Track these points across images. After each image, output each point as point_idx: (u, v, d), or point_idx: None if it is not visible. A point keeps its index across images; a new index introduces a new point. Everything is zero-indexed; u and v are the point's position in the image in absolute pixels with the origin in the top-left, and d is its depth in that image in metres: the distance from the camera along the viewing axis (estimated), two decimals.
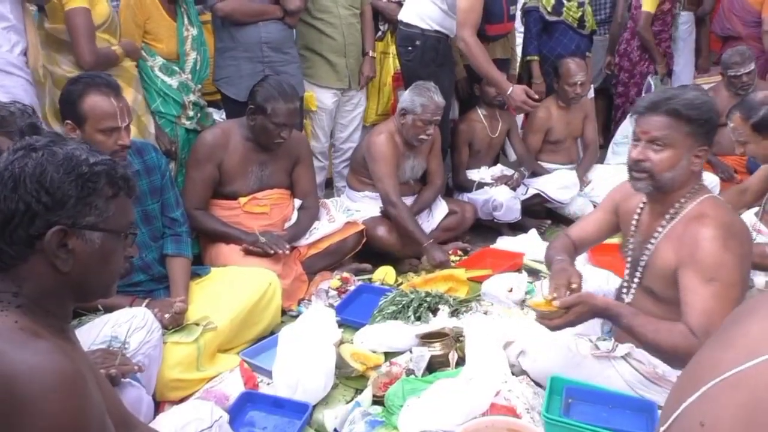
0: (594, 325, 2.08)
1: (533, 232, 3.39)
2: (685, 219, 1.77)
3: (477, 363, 1.91)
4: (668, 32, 4.69)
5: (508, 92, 3.29)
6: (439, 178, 3.40)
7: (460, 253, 3.24)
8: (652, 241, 1.83)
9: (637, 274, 1.88)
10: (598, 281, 2.35)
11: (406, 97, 3.13)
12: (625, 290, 1.93)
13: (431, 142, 3.30)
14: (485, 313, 2.42)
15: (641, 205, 1.94)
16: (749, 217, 2.81)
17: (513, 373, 1.98)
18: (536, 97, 3.40)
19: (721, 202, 1.82)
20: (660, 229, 1.82)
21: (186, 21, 2.86)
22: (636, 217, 1.95)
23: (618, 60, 4.79)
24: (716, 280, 1.61)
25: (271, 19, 3.06)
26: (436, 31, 3.31)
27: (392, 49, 3.68)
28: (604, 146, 4.51)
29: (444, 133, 3.56)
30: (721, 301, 1.59)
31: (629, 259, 1.95)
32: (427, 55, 3.33)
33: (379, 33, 3.72)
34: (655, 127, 1.74)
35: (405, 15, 3.37)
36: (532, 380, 1.93)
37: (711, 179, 3.99)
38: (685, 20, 4.92)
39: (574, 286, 1.78)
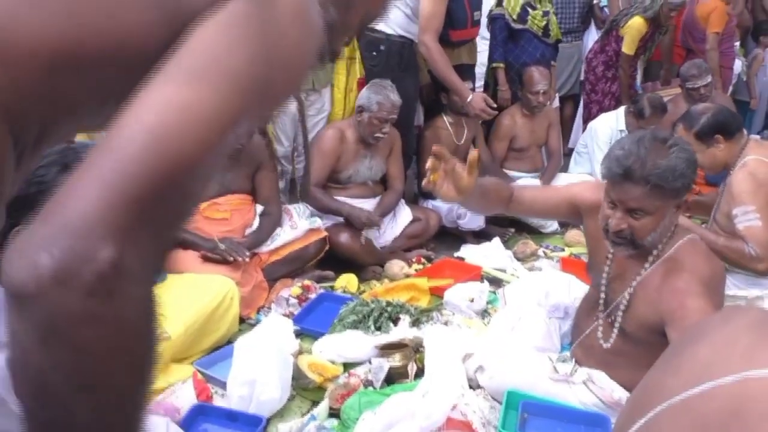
0: (554, 340, 2.08)
1: (497, 240, 3.40)
2: (663, 268, 1.72)
3: (435, 376, 1.89)
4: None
5: (468, 99, 3.32)
6: (399, 183, 3.38)
7: (423, 260, 3.23)
8: (630, 287, 1.78)
9: (618, 319, 1.82)
10: (560, 290, 2.33)
11: (363, 95, 3.12)
12: (601, 332, 1.87)
13: (390, 145, 3.28)
14: (446, 323, 2.40)
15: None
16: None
17: (471, 387, 1.97)
18: (494, 105, 3.43)
19: (697, 246, 1.77)
20: (637, 277, 1.77)
21: None
22: (609, 256, 1.86)
23: (585, 68, 4.85)
24: None
25: None
26: (401, 36, 3.30)
27: (358, 54, 3.64)
28: (569, 154, 4.56)
29: (408, 138, 3.55)
30: None
31: (603, 295, 1.88)
32: (391, 60, 3.31)
33: None
34: (633, 198, 1.63)
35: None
36: (491, 395, 1.92)
37: None
38: None
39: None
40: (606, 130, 4.05)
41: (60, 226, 0.48)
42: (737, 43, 5.22)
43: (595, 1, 5.13)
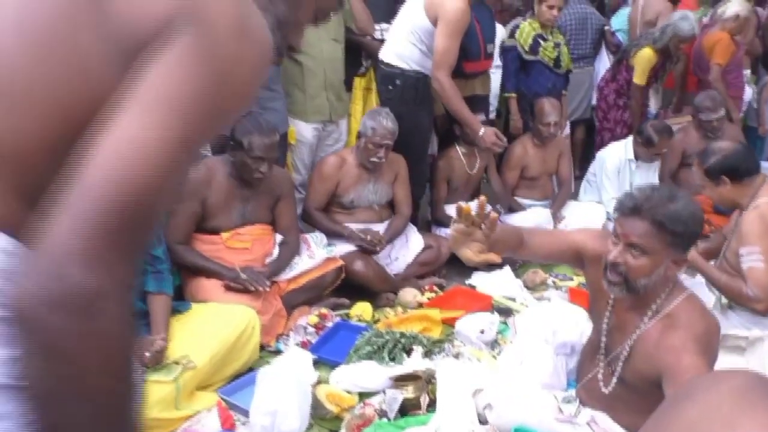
0: (560, 377, 2.18)
1: (507, 268, 3.49)
2: (661, 324, 1.79)
3: (446, 412, 2.00)
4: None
5: (480, 133, 3.43)
6: (407, 208, 3.47)
7: (435, 288, 3.33)
8: (630, 340, 1.85)
9: (618, 369, 1.89)
10: (568, 327, 2.42)
11: (362, 122, 3.26)
12: (602, 377, 1.96)
13: (395, 171, 3.40)
14: (457, 355, 2.50)
15: (611, 297, 1.94)
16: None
17: (480, 421, 2.07)
18: (504, 139, 3.55)
19: (695, 303, 1.84)
20: (637, 331, 1.84)
21: None
22: (610, 303, 1.95)
23: (597, 95, 4.94)
24: None
25: None
26: (416, 71, 3.41)
27: (375, 84, 3.77)
28: (580, 177, 4.65)
29: (422, 167, 3.66)
30: None
31: (603, 343, 1.96)
32: (407, 94, 3.43)
33: (362, 69, 3.81)
34: (636, 233, 1.72)
35: (385, 55, 3.46)
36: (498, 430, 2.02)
37: None
38: None
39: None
40: (614, 159, 4.15)
41: (47, 259, 0.57)
42: (747, 71, 5.28)
43: (606, 27, 5.23)
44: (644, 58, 4.43)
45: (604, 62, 5.16)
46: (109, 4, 0.67)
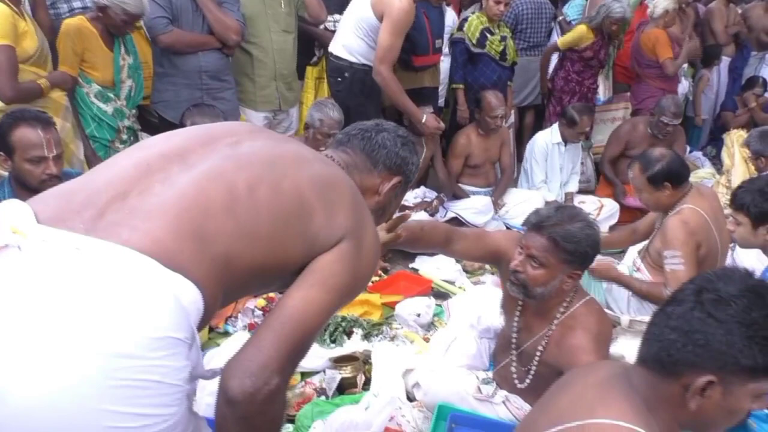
0: (483, 358, 2.40)
1: None
2: (563, 326, 1.99)
3: (377, 390, 2.19)
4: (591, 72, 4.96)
5: (423, 121, 3.61)
6: None
7: (380, 272, 3.51)
8: (540, 346, 2.03)
9: (532, 368, 2.07)
10: (492, 313, 2.63)
11: (308, 113, 3.38)
12: (515, 373, 2.13)
13: None
14: (393, 337, 2.70)
15: (521, 301, 2.10)
16: (632, 254, 3.19)
17: (409, 399, 2.28)
18: (442, 124, 3.79)
19: (592, 307, 2.03)
20: (546, 338, 2.02)
21: (123, 50, 3.01)
22: (519, 306, 2.13)
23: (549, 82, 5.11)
24: None
25: (209, 49, 3.23)
26: (363, 64, 3.54)
27: (326, 75, 3.88)
28: None
29: None
30: None
31: (514, 341, 2.14)
32: (355, 87, 3.56)
33: (314, 58, 3.92)
34: (536, 246, 1.91)
35: (334, 48, 3.58)
36: (425, 406, 2.23)
37: (611, 205, 4.42)
38: None
39: None
40: (542, 144, 4.38)
41: (255, 366, 1.02)
42: (685, 66, 5.55)
43: (561, 18, 5.42)
44: (576, 30, 4.71)
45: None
46: (311, 224, 1.17)
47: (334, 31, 3.81)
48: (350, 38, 3.50)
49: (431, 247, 2.20)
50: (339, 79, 3.57)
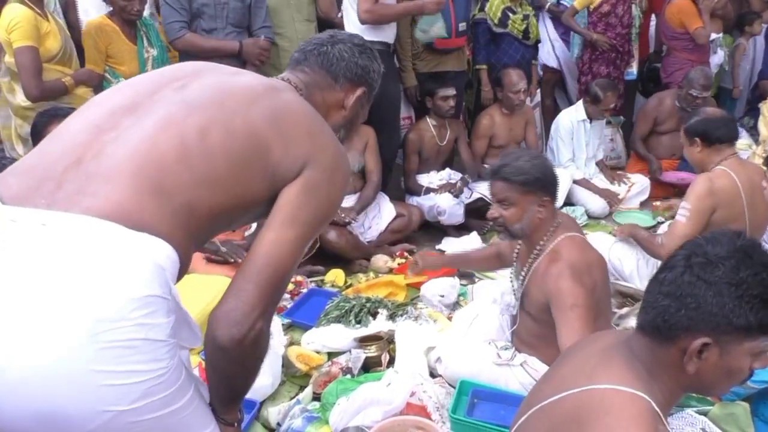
0: (505, 333, 2.43)
1: (474, 234, 3.73)
2: (546, 259, 2.10)
3: (399, 367, 2.25)
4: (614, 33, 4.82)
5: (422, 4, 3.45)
6: (375, 176, 3.66)
7: (406, 254, 3.56)
8: (524, 276, 2.18)
9: (524, 304, 2.21)
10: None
11: None
12: (513, 311, 2.28)
13: (365, 140, 3.59)
14: (417, 317, 2.74)
15: (519, 244, 2.31)
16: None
17: (432, 375, 2.33)
18: None
19: (575, 240, 2.12)
20: (527, 268, 2.16)
21: (146, 43, 3.11)
22: (516, 251, 2.33)
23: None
24: (576, 306, 1.93)
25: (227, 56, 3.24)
26: (380, 42, 3.58)
27: None
28: None
29: (394, 138, 3.85)
30: (584, 321, 1.91)
31: (513, 285, 2.31)
32: None
33: None
34: (498, 190, 2.11)
35: (348, 32, 3.60)
36: (447, 382, 2.28)
37: (642, 181, 4.37)
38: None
39: None
40: (566, 122, 4.34)
41: (239, 315, 1.10)
42: (719, 35, 5.40)
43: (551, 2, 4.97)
44: None
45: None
46: (270, 158, 1.18)
47: None
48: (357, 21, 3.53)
49: (487, 267, 2.71)
50: None
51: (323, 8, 3.78)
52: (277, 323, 2.55)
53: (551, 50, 4.77)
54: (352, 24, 3.53)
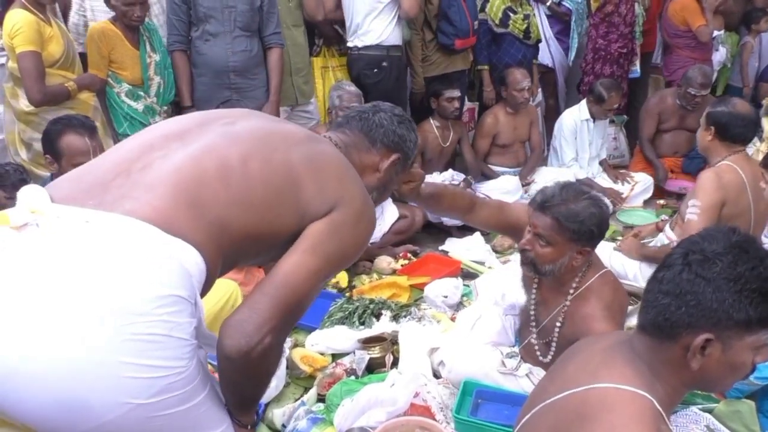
0: (508, 335, 2.42)
1: (477, 234, 3.72)
2: (579, 298, 2.01)
3: (402, 368, 2.25)
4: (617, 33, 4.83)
5: None
6: None
7: (410, 255, 3.56)
8: (558, 320, 2.05)
9: (553, 342, 2.08)
10: (516, 290, 2.66)
11: (329, 96, 3.48)
12: (538, 347, 2.16)
13: None
14: (420, 318, 2.74)
15: (537, 276, 2.12)
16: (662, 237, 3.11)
17: (435, 376, 2.33)
18: None
19: (606, 277, 2.05)
20: (563, 312, 2.05)
21: (148, 48, 3.13)
22: (535, 283, 2.16)
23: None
24: None
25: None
26: (396, 47, 3.59)
27: (332, 62, 3.93)
28: None
29: None
30: None
31: (532, 315, 2.18)
32: (391, 75, 3.62)
33: (316, 48, 3.94)
34: (542, 226, 1.93)
35: (362, 40, 3.63)
36: (450, 383, 2.28)
37: (645, 180, 4.36)
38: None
39: None
40: (570, 122, 4.33)
41: (250, 327, 1.13)
42: (721, 32, 5.38)
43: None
44: None
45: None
46: (302, 194, 1.26)
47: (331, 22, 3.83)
48: (378, 24, 3.53)
49: (455, 210, 2.17)
50: (376, 70, 3.64)
51: (309, 10, 3.75)
52: None
53: (546, 48, 4.78)
54: (371, 27, 3.58)
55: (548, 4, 4.62)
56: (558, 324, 2.06)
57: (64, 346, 0.99)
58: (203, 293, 1.17)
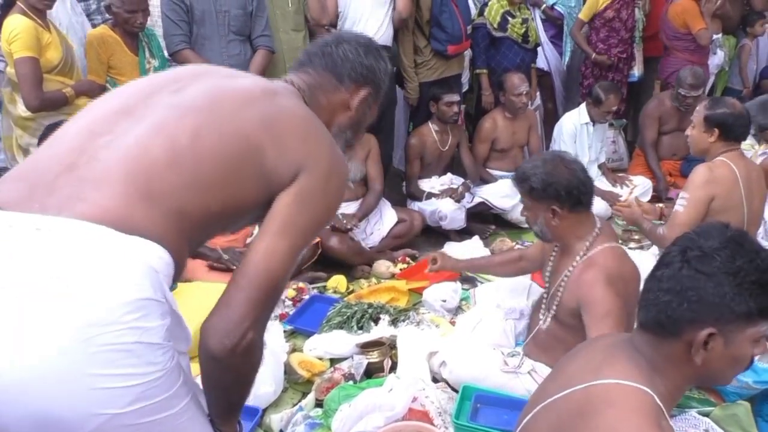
0: (509, 338, 2.42)
1: (476, 238, 3.72)
2: (583, 265, 2.09)
3: (401, 373, 2.25)
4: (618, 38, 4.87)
5: None
6: (378, 184, 3.68)
7: (408, 259, 3.56)
8: (562, 284, 2.15)
9: (553, 308, 2.19)
10: (518, 295, 2.68)
11: None
12: (542, 317, 2.27)
13: (367, 149, 3.61)
14: (419, 322, 2.74)
15: (555, 247, 2.29)
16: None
17: (435, 380, 2.33)
18: None
19: (614, 250, 2.11)
20: (567, 274, 2.14)
21: (147, 54, 3.13)
22: (552, 255, 2.30)
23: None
24: (611, 314, 1.90)
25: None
26: (387, 48, 3.60)
27: None
28: None
29: (390, 141, 3.88)
30: (617, 330, 1.86)
31: (546, 291, 2.30)
32: (391, 78, 3.61)
33: None
34: (519, 192, 2.22)
35: None
36: (450, 387, 2.27)
37: (644, 183, 4.36)
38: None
39: None
40: (569, 126, 4.34)
41: (230, 325, 1.09)
42: (719, 36, 5.39)
43: (544, 5, 4.95)
44: None
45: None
46: (265, 161, 1.16)
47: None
48: (381, 25, 3.55)
49: (507, 271, 2.71)
50: None
51: (314, 14, 3.76)
52: (279, 330, 2.55)
53: (541, 52, 4.78)
54: (376, 28, 3.58)
55: (542, 8, 4.63)
56: (561, 287, 2.13)
57: (30, 361, 0.95)
58: (175, 279, 1.11)
